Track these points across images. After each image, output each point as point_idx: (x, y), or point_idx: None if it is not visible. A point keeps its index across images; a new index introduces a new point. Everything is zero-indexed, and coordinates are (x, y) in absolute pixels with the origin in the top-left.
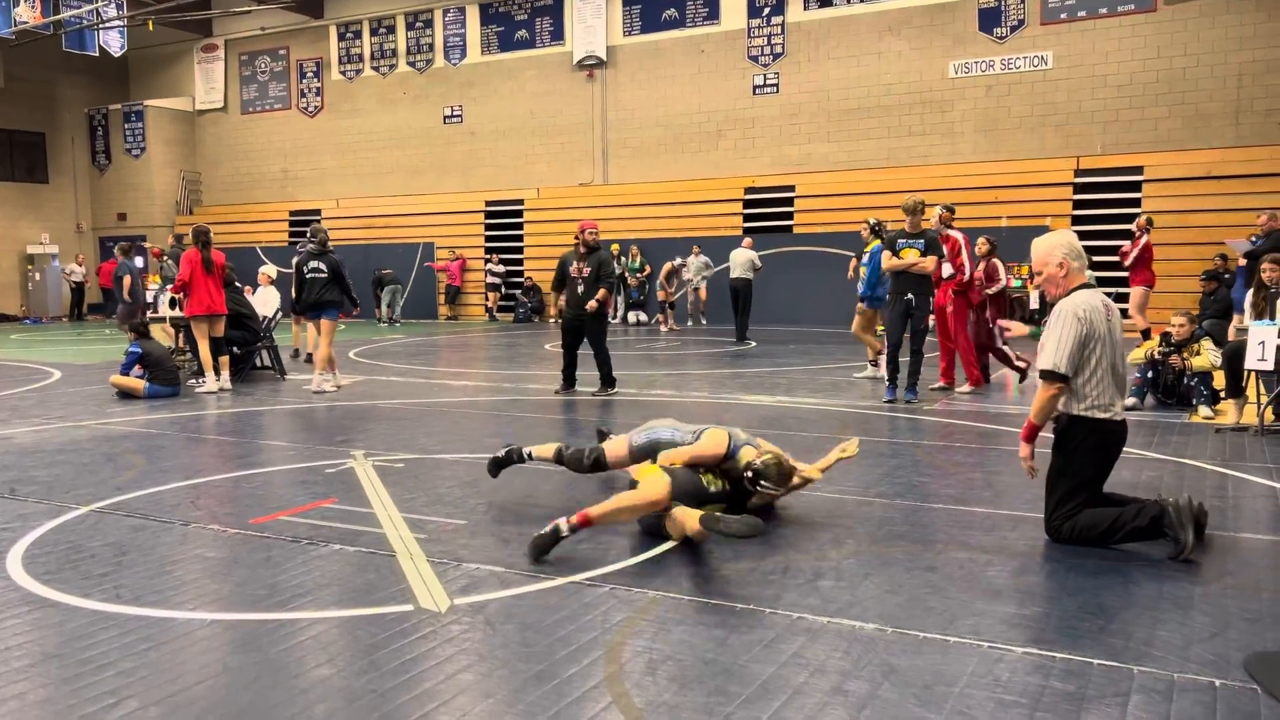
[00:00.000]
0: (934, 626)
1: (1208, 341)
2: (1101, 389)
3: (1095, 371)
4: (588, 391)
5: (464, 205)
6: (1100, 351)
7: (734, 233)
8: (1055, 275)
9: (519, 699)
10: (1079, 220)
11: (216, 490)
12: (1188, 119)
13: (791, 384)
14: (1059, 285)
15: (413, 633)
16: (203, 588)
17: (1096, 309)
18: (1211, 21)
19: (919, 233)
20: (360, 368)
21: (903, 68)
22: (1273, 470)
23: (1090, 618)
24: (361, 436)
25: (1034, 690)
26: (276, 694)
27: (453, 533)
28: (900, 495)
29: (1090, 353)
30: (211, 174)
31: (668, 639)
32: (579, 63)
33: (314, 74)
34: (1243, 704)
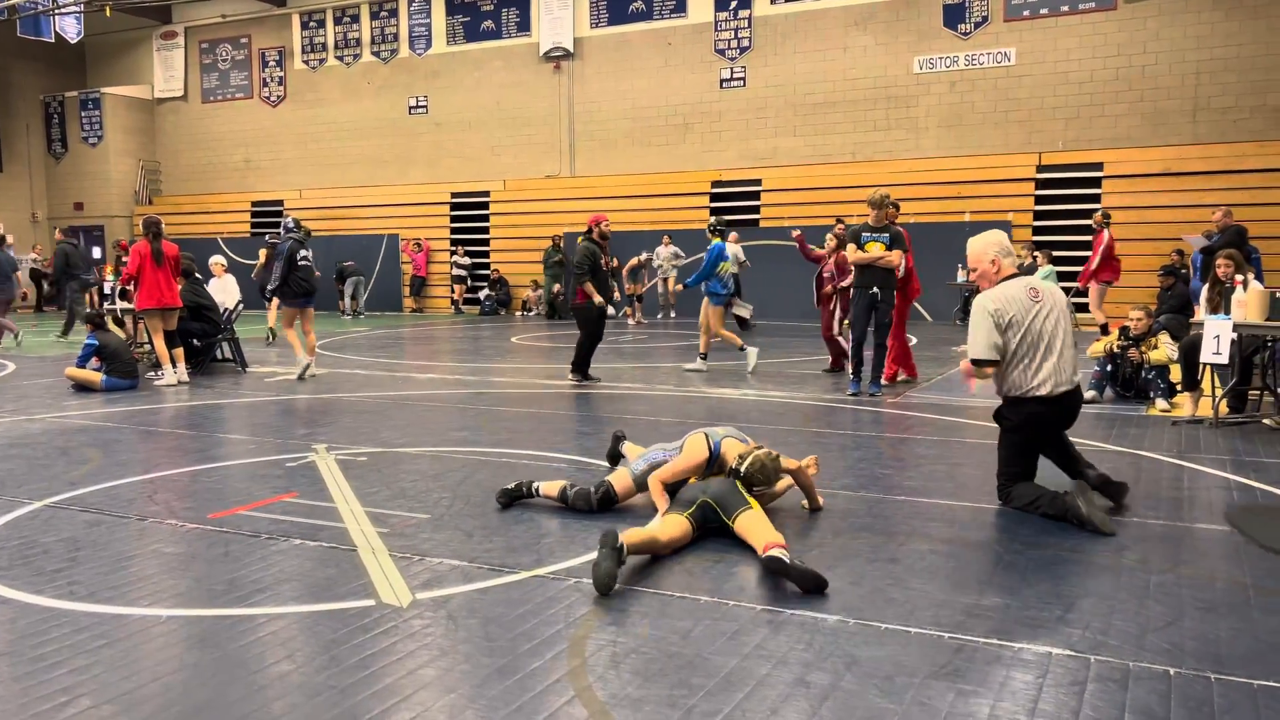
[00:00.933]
0: (895, 618)
1: (1165, 335)
2: (1022, 370)
3: (1017, 353)
4: (566, 384)
5: (429, 196)
6: (1021, 335)
7: (701, 225)
8: (989, 271)
9: (481, 693)
10: (1040, 215)
11: (174, 485)
12: (1147, 116)
13: (758, 377)
14: (991, 280)
15: (374, 628)
16: (159, 583)
17: (1013, 298)
18: (1170, 20)
19: (883, 226)
20: (323, 360)
21: (868, 63)
22: (1227, 462)
23: (1049, 608)
24: (324, 430)
25: (994, 681)
26: (234, 690)
27: (415, 527)
28: (863, 487)
29: (1011, 338)
30: (171, 163)
31: (631, 632)
32: (545, 54)
33: (276, 63)
34: (1196, 691)
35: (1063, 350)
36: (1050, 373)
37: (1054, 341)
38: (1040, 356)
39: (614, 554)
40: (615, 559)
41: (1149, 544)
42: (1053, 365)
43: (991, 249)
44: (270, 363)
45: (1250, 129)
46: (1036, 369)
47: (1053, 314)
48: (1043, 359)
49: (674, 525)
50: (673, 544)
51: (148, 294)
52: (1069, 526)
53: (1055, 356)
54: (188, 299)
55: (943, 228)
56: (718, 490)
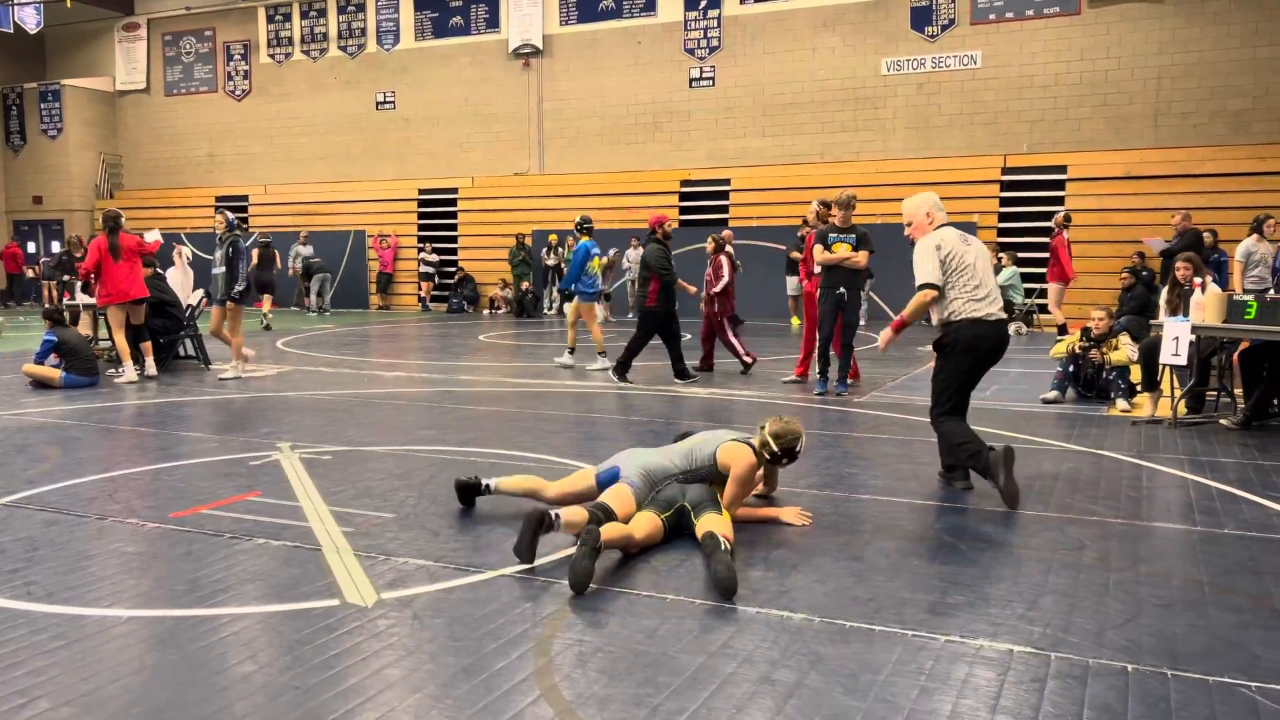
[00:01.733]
0: (860, 616)
1: (1125, 337)
2: (966, 297)
3: (955, 285)
4: (534, 382)
5: (397, 193)
6: (958, 267)
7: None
8: (923, 224)
9: (446, 693)
10: (1005, 217)
11: (135, 483)
12: (1109, 120)
13: (725, 376)
14: (925, 230)
15: (338, 628)
16: (119, 584)
17: (948, 238)
18: (1132, 26)
19: (850, 227)
20: (288, 358)
21: (836, 64)
22: (1185, 461)
23: (1010, 606)
24: (288, 428)
25: (956, 677)
26: (195, 691)
27: (381, 526)
28: (829, 486)
29: (950, 271)
30: (133, 157)
31: (598, 631)
32: (514, 51)
33: (241, 56)
34: (1153, 687)
35: (992, 285)
36: (987, 299)
37: (986, 277)
38: (977, 285)
39: (594, 554)
40: (594, 558)
41: (1109, 542)
42: (987, 293)
43: (926, 204)
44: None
45: (1209, 134)
46: (975, 295)
47: (981, 256)
48: (979, 287)
49: (648, 523)
50: (644, 543)
51: (109, 288)
52: (1032, 527)
53: (988, 289)
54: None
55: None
56: (695, 496)
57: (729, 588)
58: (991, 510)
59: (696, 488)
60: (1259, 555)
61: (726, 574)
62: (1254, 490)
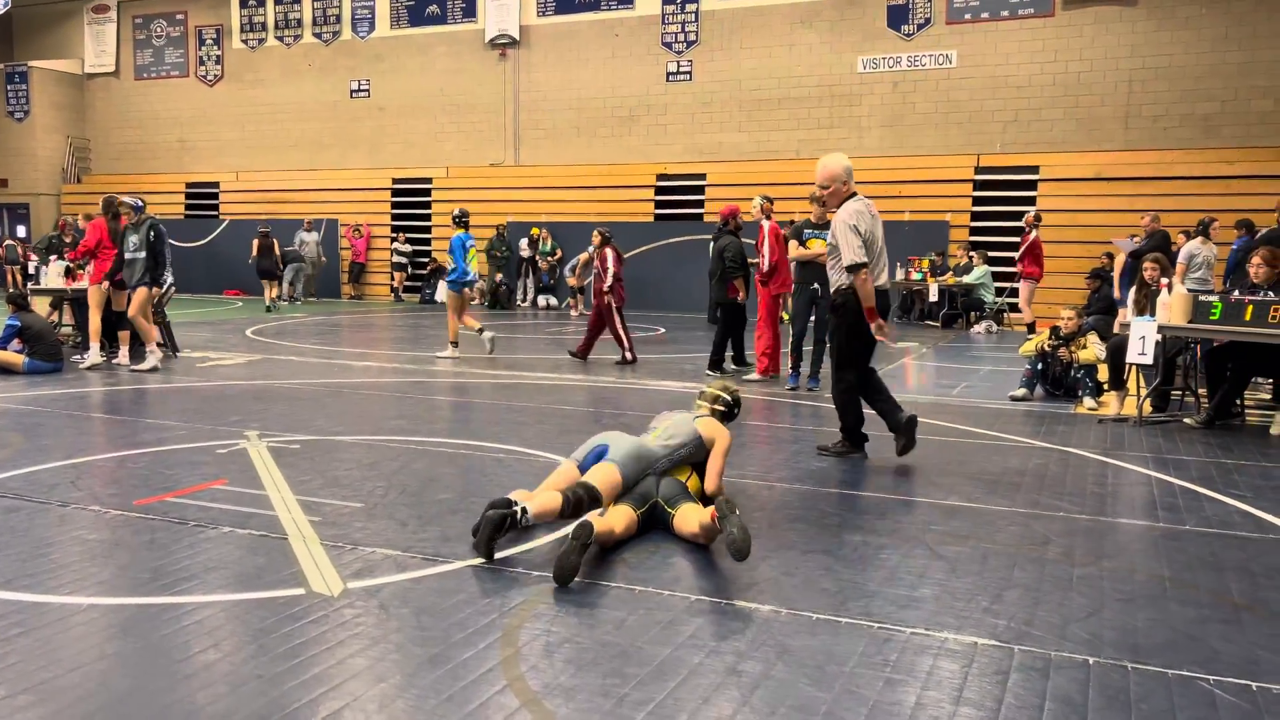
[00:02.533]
0: (827, 608)
1: (1094, 336)
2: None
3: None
4: (505, 374)
5: (370, 182)
6: (869, 243)
7: (646, 219)
8: (840, 190)
9: (412, 683)
10: (977, 216)
11: (99, 470)
12: (1081, 122)
13: (698, 369)
14: (839, 197)
15: (303, 617)
16: (81, 571)
17: (862, 212)
18: (1105, 29)
19: (825, 224)
20: (257, 346)
21: (813, 61)
22: (1149, 459)
23: (975, 599)
24: (256, 417)
25: (921, 669)
26: (157, 680)
27: (348, 515)
28: (799, 480)
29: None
30: (102, 141)
31: (565, 622)
32: (491, 41)
33: (214, 41)
34: (1114, 680)
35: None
36: (883, 270)
37: (884, 247)
38: (878, 256)
39: (583, 549)
40: (583, 553)
41: (1073, 538)
42: (883, 265)
43: (841, 169)
44: (201, 347)
45: (1178, 137)
46: (874, 267)
47: (879, 224)
48: (879, 259)
49: (625, 517)
50: (622, 537)
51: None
52: (998, 522)
53: (884, 259)
54: None
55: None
56: (668, 490)
57: (742, 554)
58: (959, 505)
59: (668, 481)
60: (1219, 551)
61: (743, 536)
62: (1215, 488)
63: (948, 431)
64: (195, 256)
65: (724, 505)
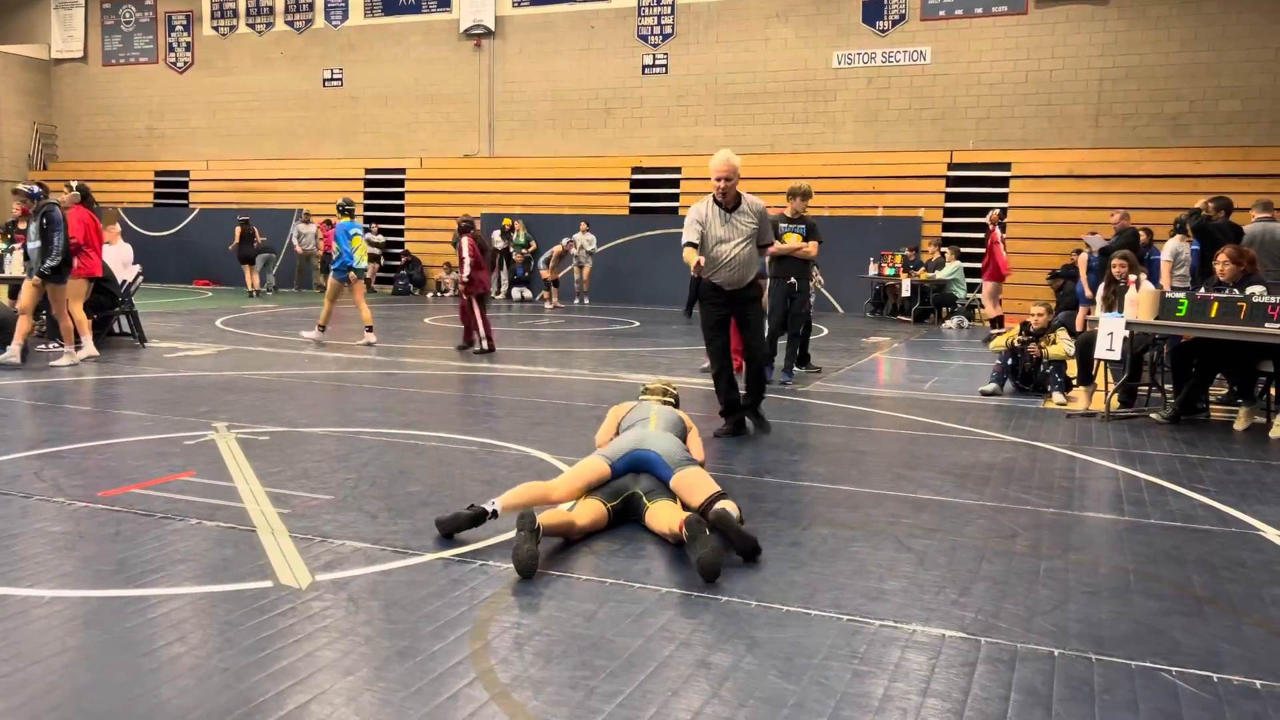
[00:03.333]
0: (796, 600)
1: (1063, 332)
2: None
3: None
4: (480, 366)
5: (343, 172)
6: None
7: (621, 212)
8: (733, 187)
9: (380, 676)
10: (950, 212)
11: (63, 461)
12: (1053, 119)
13: (672, 363)
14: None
15: (271, 609)
16: (43, 563)
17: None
18: (1077, 27)
19: (800, 218)
20: (227, 337)
21: (788, 55)
22: (1116, 454)
23: (943, 592)
24: (225, 408)
25: (889, 661)
26: (121, 673)
27: (318, 508)
28: (770, 473)
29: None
30: (69, 128)
31: (536, 614)
32: (466, 31)
33: (184, 27)
34: (1078, 671)
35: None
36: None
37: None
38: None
39: (533, 536)
40: (535, 540)
41: (1040, 531)
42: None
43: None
44: (169, 337)
45: (1147, 136)
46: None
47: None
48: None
49: (591, 510)
50: (587, 529)
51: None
52: (967, 516)
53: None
54: None
55: (856, 221)
56: (646, 484)
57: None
58: (928, 498)
59: (646, 476)
60: (1182, 544)
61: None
62: (1180, 482)
63: (918, 425)
64: (165, 246)
65: (694, 525)
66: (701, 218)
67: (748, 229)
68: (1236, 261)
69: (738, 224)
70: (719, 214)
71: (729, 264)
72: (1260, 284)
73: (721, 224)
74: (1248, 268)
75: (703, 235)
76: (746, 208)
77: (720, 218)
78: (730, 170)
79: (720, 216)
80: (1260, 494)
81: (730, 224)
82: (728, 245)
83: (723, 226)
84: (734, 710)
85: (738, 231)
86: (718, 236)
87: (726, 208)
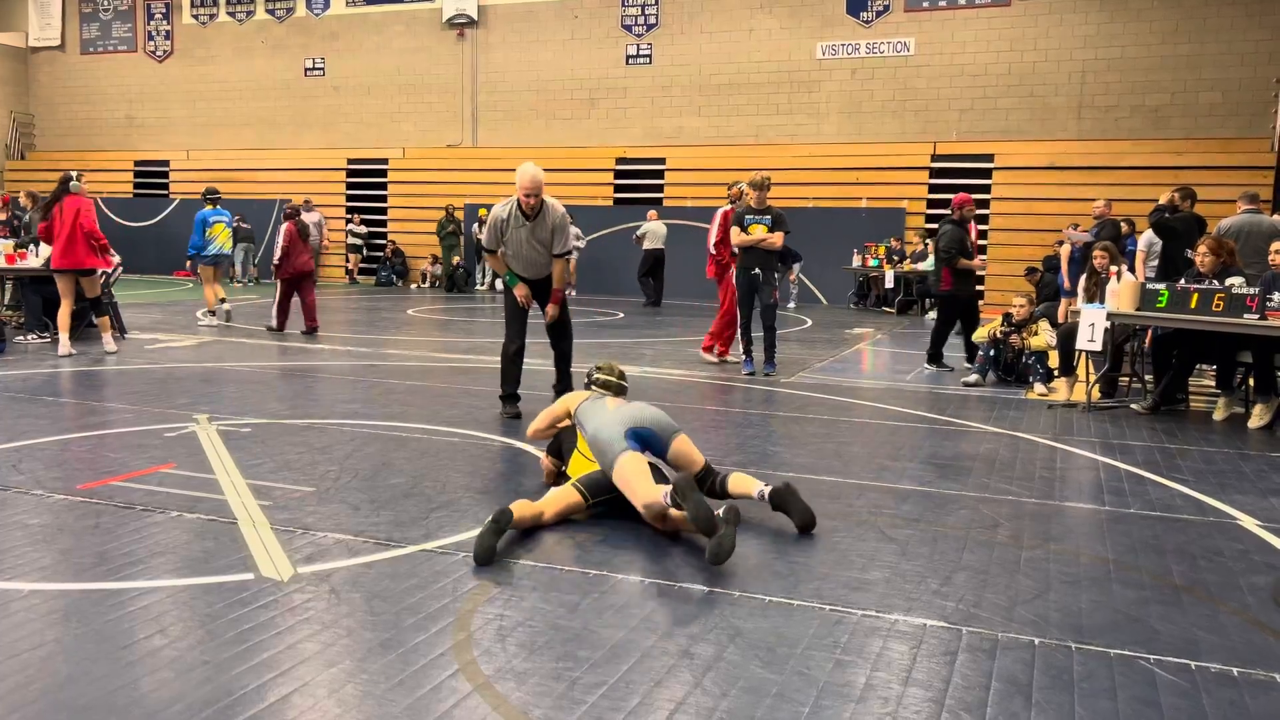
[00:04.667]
0: (779, 590)
1: (1045, 323)
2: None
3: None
4: (460, 357)
5: (324, 162)
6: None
7: (605, 203)
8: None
9: (362, 668)
10: (934, 204)
11: (41, 454)
12: (1035, 111)
13: (656, 355)
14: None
15: (252, 602)
16: (21, 556)
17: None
18: (1060, 19)
19: (765, 209)
20: (207, 328)
21: (773, 46)
22: (1096, 444)
23: (925, 582)
24: (206, 400)
25: (871, 651)
26: (100, 666)
27: (300, 500)
28: (753, 464)
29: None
30: (47, 117)
31: (519, 606)
32: (449, 21)
33: (163, 16)
34: (1058, 660)
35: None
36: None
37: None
38: (510, 253)
39: (496, 528)
40: (497, 532)
41: (1022, 521)
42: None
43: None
44: (150, 329)
45: (1129, 128)
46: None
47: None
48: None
49: (563, 498)
50: (560, 515)
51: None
52: (949, 506)
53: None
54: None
55: (840, 213)
56: None
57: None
58: (910, 489)
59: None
60: (1161, 534)
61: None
62: (1159, 472)
63: (901, 416)
64: (144, 236)
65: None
66: (501, 223)
67: (545, 237)
68: (1216, 253)
69: (537, 232)
70: (520, 221)
71: (525, 264)
72: (1239, 275)
73: (520, 229)
74: (1227, 259)
75: (501, 240)
76: (546, 217)
77: (519, 223)
78: (539, 187)
79: (518, 221)
80: (1238, 484)
81: (530, 231)
82: (524, 249)
83: (521, 231)
84: (716, 700)
85: (536, 239)
86: (520, 240)
87: (528, 216)
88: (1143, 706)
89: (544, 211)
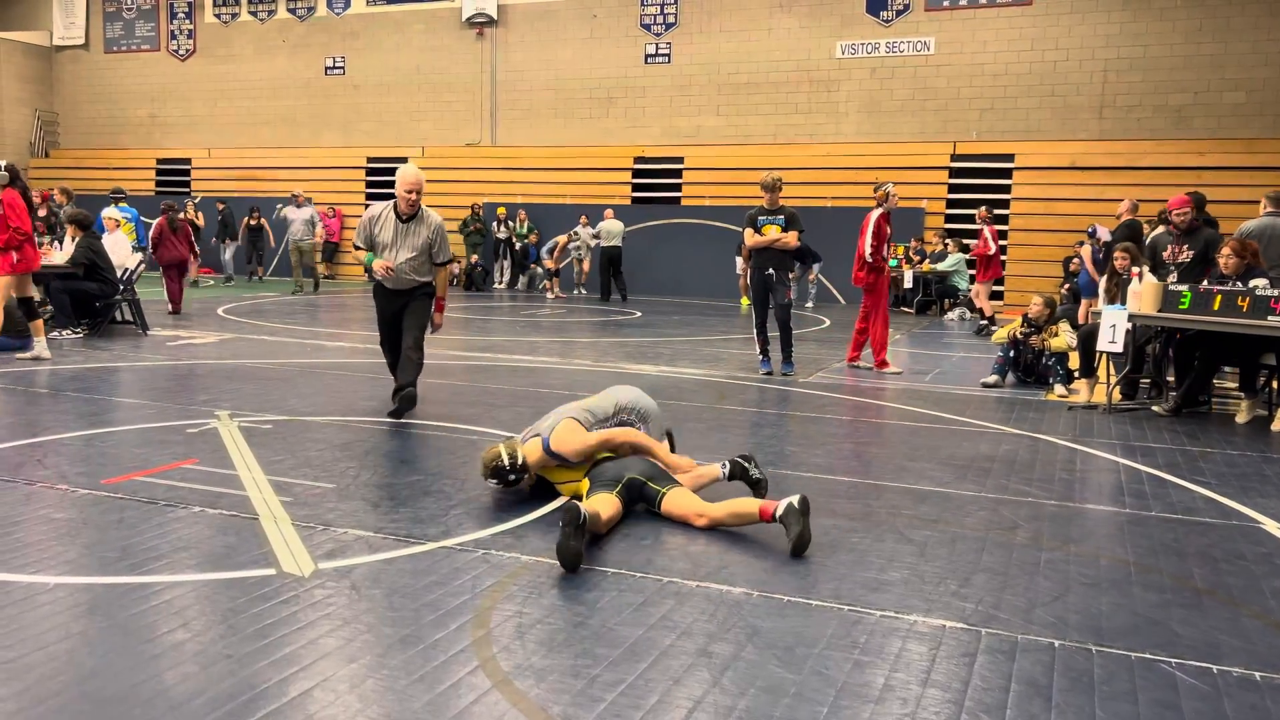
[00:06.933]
0: (797, 590)
1: (1065, 324)
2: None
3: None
4: (475, 355)
5: (344, 160)
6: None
7: (624, 202)
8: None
9: (383, 663)
10: (953, 204)
11: (66, 449)
12: (1056, 110)
13: (674, 354)
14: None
15: (274, 597)
16: (47, 550)
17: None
18: (1081, 18)
19: (779, 209)
20: (229, 325)
21: (792, 45)
22: (1117, 446)
23: (944, 582)
24: (228, 396)
25: (890, 651)
26: (124, 659)
27: (320, 496)
28: (771, 464)
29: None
30: (71, 115)
31: (538, 603)
32: (468, 20)
33: (186, 15)
34: (1078, 662)
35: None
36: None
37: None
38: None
39: (579, 532)
40: (580, 536)
41: (1041, 523)
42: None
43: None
44: (171, 326)
45: (1151, 127)
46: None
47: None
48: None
49: (609, 504)
50: (611, 522)
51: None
52: (968, 507)
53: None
54: (84, 256)
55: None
56: (645, 470)
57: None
58: (929, 489)
59: (636, 460)
60: (1182, 537)
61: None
62: (1181, 475)
63: (919, 417)
64: None
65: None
66: (374, 223)
67: (422, 242)
68: (1239, 254)
69: (412, 236)
70: (395, 223)
71: (397, 269)
72: (1264, 276)
73: (394, 232)
74: (1251, 260)
75: (372, 240)
76: (423, 222)
77: (395, 226)
78: (420, 185)
79: (395, 225)
80: (1261, 487)
81: (405, 234)
82: (399, 253)
83: (395, 234)
84: (734, 699)
85: (411, 243)
86: (386, 243)
87: (404, 218)
88: (1164, 710)
89: (421, 215)
